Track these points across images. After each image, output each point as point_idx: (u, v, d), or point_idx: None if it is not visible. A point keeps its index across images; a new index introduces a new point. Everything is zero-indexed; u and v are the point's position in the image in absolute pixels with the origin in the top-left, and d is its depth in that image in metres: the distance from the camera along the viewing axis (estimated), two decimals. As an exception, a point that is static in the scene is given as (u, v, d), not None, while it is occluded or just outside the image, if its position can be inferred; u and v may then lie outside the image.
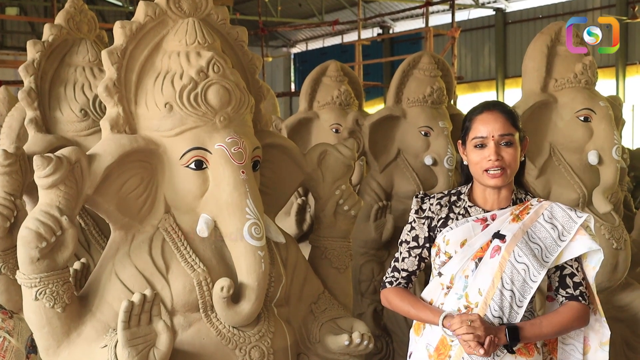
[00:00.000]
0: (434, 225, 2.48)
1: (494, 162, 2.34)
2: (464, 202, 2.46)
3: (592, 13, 20.25)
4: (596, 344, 2.44)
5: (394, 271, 2.54)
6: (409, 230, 2.53)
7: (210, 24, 2.67)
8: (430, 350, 2.40)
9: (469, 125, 2.43)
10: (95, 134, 3.21)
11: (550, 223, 2.37)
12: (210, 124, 2.48)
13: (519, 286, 2.30)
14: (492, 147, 2.34)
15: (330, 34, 25.44)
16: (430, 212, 2.49)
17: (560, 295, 2.40)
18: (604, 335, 2.43)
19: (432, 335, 2.41)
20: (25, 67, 3.19)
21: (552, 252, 2.34)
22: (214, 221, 2.49)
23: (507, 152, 2.36)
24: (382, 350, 4.56)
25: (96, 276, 2.53)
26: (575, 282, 2.38)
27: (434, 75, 4.60)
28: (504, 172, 2.35)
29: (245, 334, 2.51)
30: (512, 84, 21.46)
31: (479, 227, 2.40)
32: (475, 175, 2.44)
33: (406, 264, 2.51)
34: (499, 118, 2.38)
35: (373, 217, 4.44)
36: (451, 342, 2.34)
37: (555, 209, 2.41)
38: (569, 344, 2.47)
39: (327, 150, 2.91)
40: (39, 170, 2.26)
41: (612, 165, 3.72)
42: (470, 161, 2.43)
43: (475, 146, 2.39)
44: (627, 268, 3.82)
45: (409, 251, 2.51)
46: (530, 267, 2.29)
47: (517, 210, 2.40)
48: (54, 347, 2.39)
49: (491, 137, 2.35)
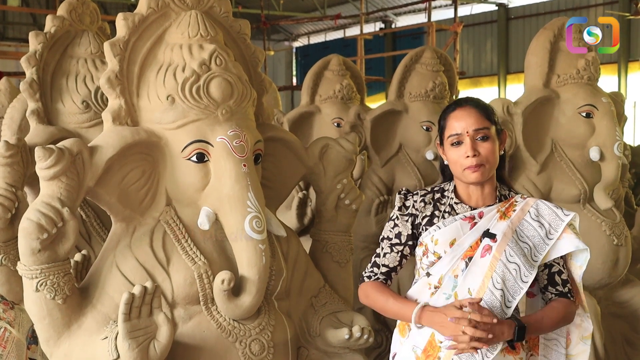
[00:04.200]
0: (418, 223, 2.43)
1: (471, 159, 2.30)
2: (449, 199, 2.43)
3: (595, 9, 20.22)
4: (577, 337, 2.44)
5: (373, 266, 2.47)
6: (392, 227, 2.47)
7: (213, 17, 2.66)
8: (418, 352, 2.34)
9: (443, 124, 2.40)
10: (97, 126, 3.21)
11: (537, 221, 2.35)
12: (212, 116, 2.48)
13: (509, 286, 2.26)
14: (469, 143, 2.31)
15: (333, 28, 25.40)
16: (413, 209, 2.44)
17: (550, 292, 2.38)
18: (586, 329, 2.43)
19: (419, 336, 2.35)
20: (27, 58, 3.19)
21: (540, 250, 2.32)
22: (215, 214, 2.49)
23: (484, 147, 2.32)
24: (382, 345, 4.56)
25: (97, 268, 2.53)
26: (564, 280, 2.38)
27: (436, 70, 4.60)
28: (482, 167, 2.32)
29: (245, 327, 2.51)
30: (514, 80, 21.43)
31: (467, 226, 2.36)
32: (456, 174, 2.40)
33: (387, 259, 2.45)
34: (472, 113, 2.35)
35: (374, 211, 4.45)
36: (440, 344, 2.28)
37: (541, 207, 2.38)
38: (552, 339, 2.45)
39: (329, 144, 2.91)
40: (40, 161, 2.26)
41: (614, 162, 3.72)
42: (449, 160, 2.40)
43: (452, 144, 2.36)
44: (627, 264, 3.82)
45: (390, 247, 2.46)
46: (521, 267, 2.26)
47: (502, 207, 2.38)
48: (55, 339, 2.40)
49: (466, 133, 2.32)
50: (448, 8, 21.31)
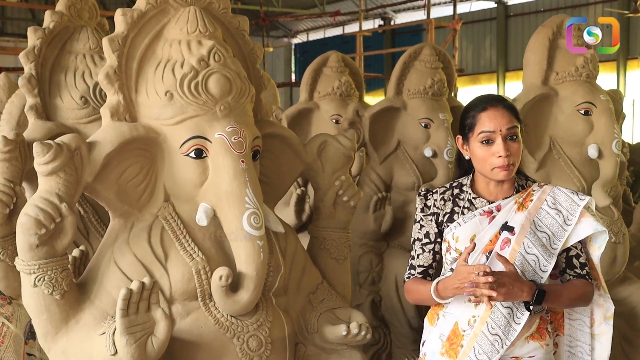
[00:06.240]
0: (441, 221, 2.53)
1: (503, 159, 2.37)
2: (468, 194, 2.50)
3: (594, 7, 20.23)
4: (600, 317, 2.51)
5: (410, 268, 2.61)
6: (419, 229, 2.60)
7: (212, 13, 2.66)
8: (443, 340, 2.46)
9: (473, 122, 2.45)
10: (96, 121, 3.21)
11: (554, 209, 2.42)
12: (210, 113, 2.48)
13: (529, 276, 2.35)
14: (501, 144, 2.38)
15: (332, 25, 25.40)
16: (435, 207, 2.55)
17: (568, 274, 2.46)
18: (608, 309, 2.50)
19: (445, 325, 2.47)
20: (25, 53, 3.18)
21: (559, 238, 2.39)
22: (213, 210, 2.49)
23: (514, 147, 2.41)
24: (380, 341, 4.57)
25: (95, 264, 2.53)
26: (582, 263, 2.46)
27: (435, 67, 4.59)
28: (512, 166, 2.40)
29: (243, 323, 2.51)
30: (513, 77, 21.45)
31: (485, 221, 2.44)
32: (481, 171, 2.47)
33: (421, 259, 2.59)
34: (505, 113, 2.42)
35: (372, 208, 4.44)
36: (463, 332, 2.39)
37: (557, 194, 2.45)
38: (577, 319, 2.54)
39: (327, 140, 2.91)
40: (38, 157, 2.26)
41: (612, 159, 3.73)
42: (475, 157, 2.45)
43: (482, 142, 2.41)
44: (625, 262, 3.83)
45: (422, 247, 2.59)
46: (540, 258, 2.35)
47: (520, 197, 2.44)
48: (52, 334, 2.39)
49: (499, 131, 2.39)
50: (447, 5, 21.34)
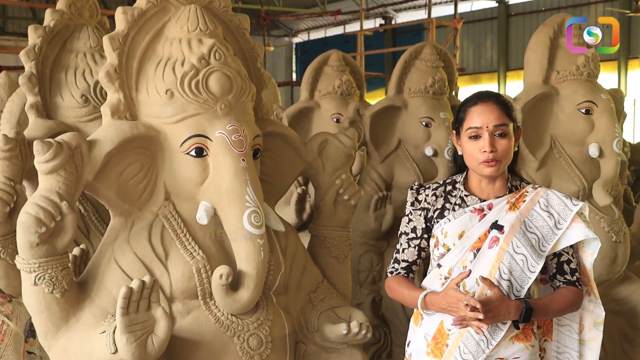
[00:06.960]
0: (430, 216, 2.51)
1: (488, 154, 2.36)
2: (460, 192, 2.49)
3: (595, 6, 20.22)
4: (590, 323, 2.50)
5: (394, 262, 2.58)
6: (407, 223, 2.57)
7: (212, 11, 2.65)
8: (428, 339, 2.44)
9: (463, 116, 2.46)
10: (96, 120, 3.20)
11: (546, 211, 2.40)
12: (211, 111, 2.48)
13: (516, 276, 2.34)
14: (487, 139, 2.37)
15: (333, 24, 25.39)
16: (426, 203, 2.53)
17: (558, 280, 2.45)
18: (598, 315, 2.49)
19: (429, 324, 2.45)
20: (26, 52, 3.18)
21: (548, 241, 2.38)
22: (213, 209, 2.49)
23: (501, 144, 2.38)
24: (380, 340, 4.57)
25: (95, 262, 2.53)
26: (572, 269, 2.44)
27: (436, 66, 4.59)
28: (498, 162, 2.38)
29: (243, 321, 2.51)
30: (514, 77, 21.43)
31: (476, 218, 2.42)
32: (470, 166, 2.47)
33: (406, 254, 2.56)
34: (494, 109, 2.40)
35: (373, 207, 4.45)
36: (448, 332, 2.37)
37: (551, 197, 2.43)
38: (565, 325, 2.53)
39: (328, 139, 2.91)
40: (39, 155, 2.26)
41: (613, 158, 3.72)
42: (465, 152, 2.46)
43: (469, 137, 2.41)
44: (625, 261, 3.82)
45: (408, 242, 2.56)
46: (528, 258, 2.33)
47: (512, 198, 2.43)
48: (53, 332, 2.39)
49: (485, 127, 2.38)
50: (448, 4, 21.33)
